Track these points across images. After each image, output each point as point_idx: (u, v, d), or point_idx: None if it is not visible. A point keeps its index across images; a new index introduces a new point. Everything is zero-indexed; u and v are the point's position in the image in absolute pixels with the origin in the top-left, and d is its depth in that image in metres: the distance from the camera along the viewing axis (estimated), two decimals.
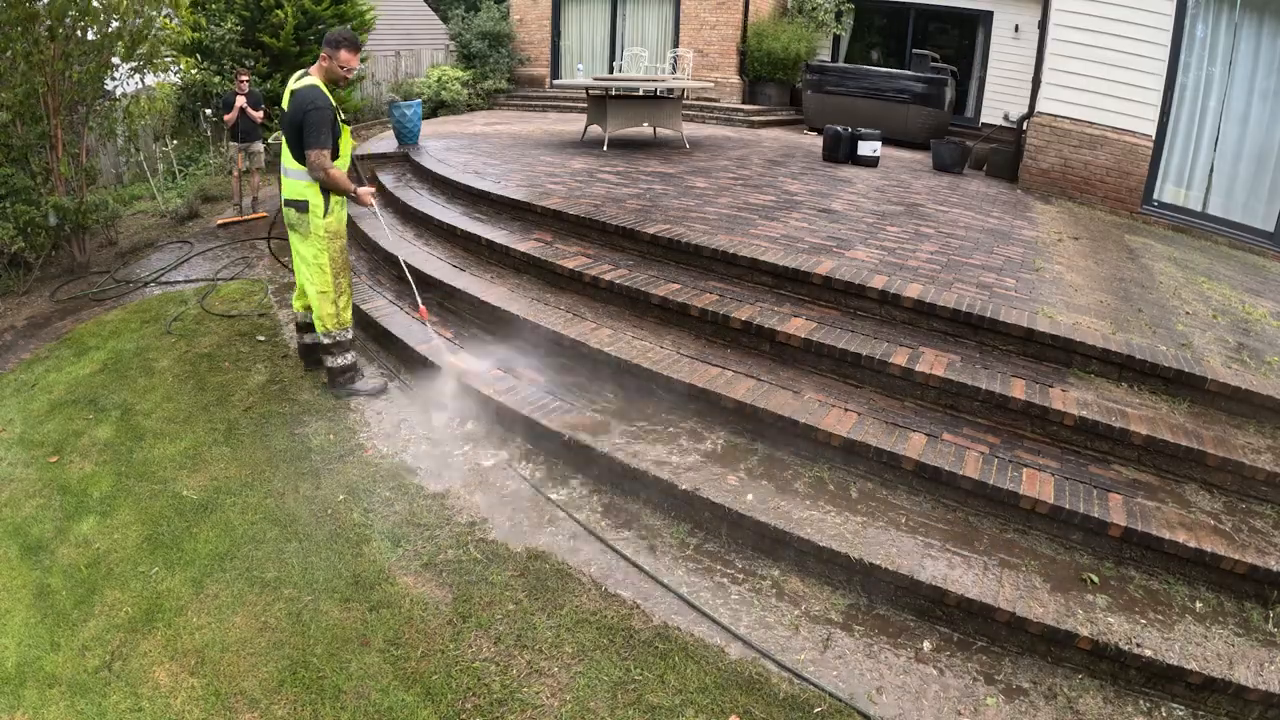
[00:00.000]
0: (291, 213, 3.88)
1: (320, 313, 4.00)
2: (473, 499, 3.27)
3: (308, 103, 3.67)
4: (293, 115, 3.71)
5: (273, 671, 2.46)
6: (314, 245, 3.89)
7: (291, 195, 3.86)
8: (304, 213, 3.84)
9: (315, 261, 3.91)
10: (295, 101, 3.71)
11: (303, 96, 3.68)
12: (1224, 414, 3.26)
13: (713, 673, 2.41)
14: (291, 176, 3.86)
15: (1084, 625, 2.42)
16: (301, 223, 3.86)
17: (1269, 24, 6.31)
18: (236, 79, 7.94)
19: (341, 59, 3.78)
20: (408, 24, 17.00)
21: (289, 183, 3.88)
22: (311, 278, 3.95)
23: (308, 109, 3.66)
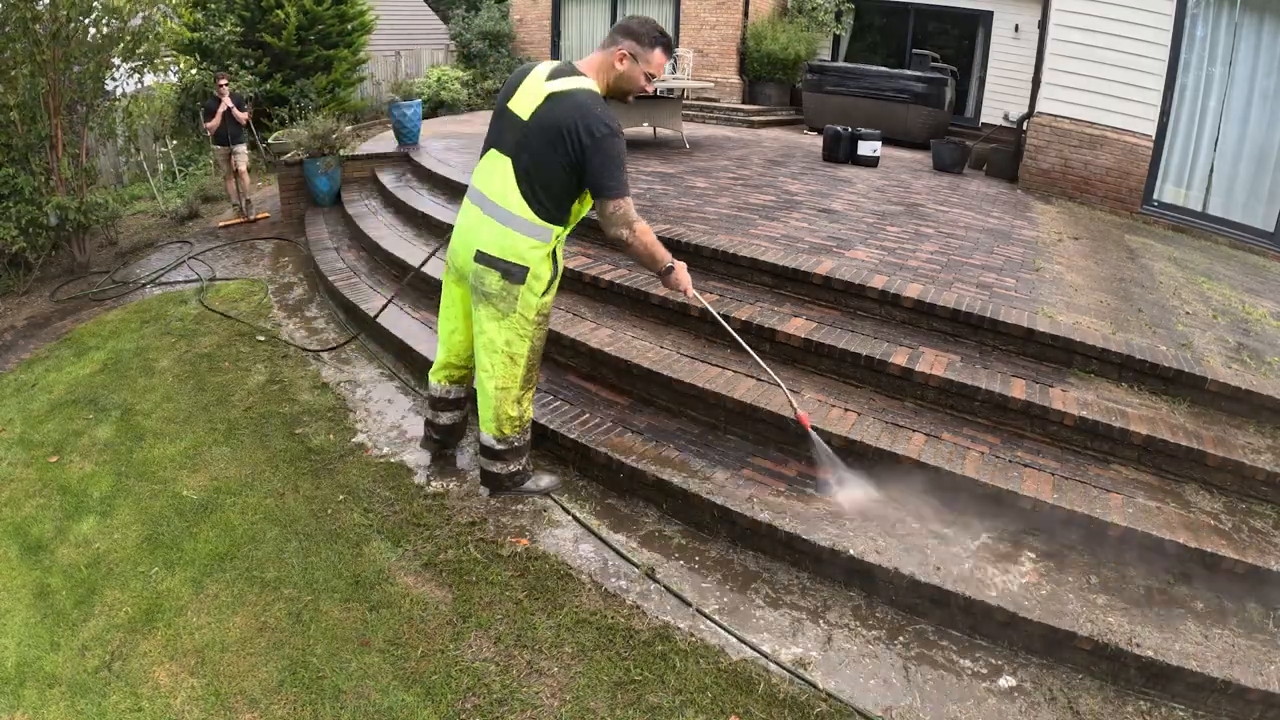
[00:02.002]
0: (492, 277, 2.71)
1: (497, 412, 2.93)
2: (473, 499, 3.27)
3: (600, 123, 2.49)
4: (556, 137, 2.53)
5: (273, 671, 2.46)
6: (513, 329, 2.78)
7: (502, 254, 2.68)
8: (515, 283, 2.70)
9: (506, 350, 2.81)
10: (565, 114, 2.52)
11: (585, 111, 2.51)
12: (1224, 414, 3.26)
13: (712, 672, 2.41)
14: (509, 224, 2.65)
15: (1084, 625, 2.42)
16: (505, 296, 2.72)
17: (1269, 24, 6.31)
18: (216, 84, 7.88)
19: (654, 63, 2.67)
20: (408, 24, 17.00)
21: (499, 231, 2.67)
22: (491, 369, 2.85)
23: (601, 134, 2.48)
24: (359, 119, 12.21)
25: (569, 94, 2.56)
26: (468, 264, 2.76)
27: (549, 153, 2.56)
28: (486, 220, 2.70)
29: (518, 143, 2.62)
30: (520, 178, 2.63)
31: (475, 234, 2.73)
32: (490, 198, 2.70)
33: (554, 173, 2.58)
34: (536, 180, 2.61)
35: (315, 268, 5.92)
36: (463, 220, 2.83)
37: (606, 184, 2.55)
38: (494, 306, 2.75)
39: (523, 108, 2.61)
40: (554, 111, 2.54)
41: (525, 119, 2.59)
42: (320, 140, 7.17)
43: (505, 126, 2.68)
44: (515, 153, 2.63)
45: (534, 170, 2.60)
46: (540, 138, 2.56)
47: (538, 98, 2.58)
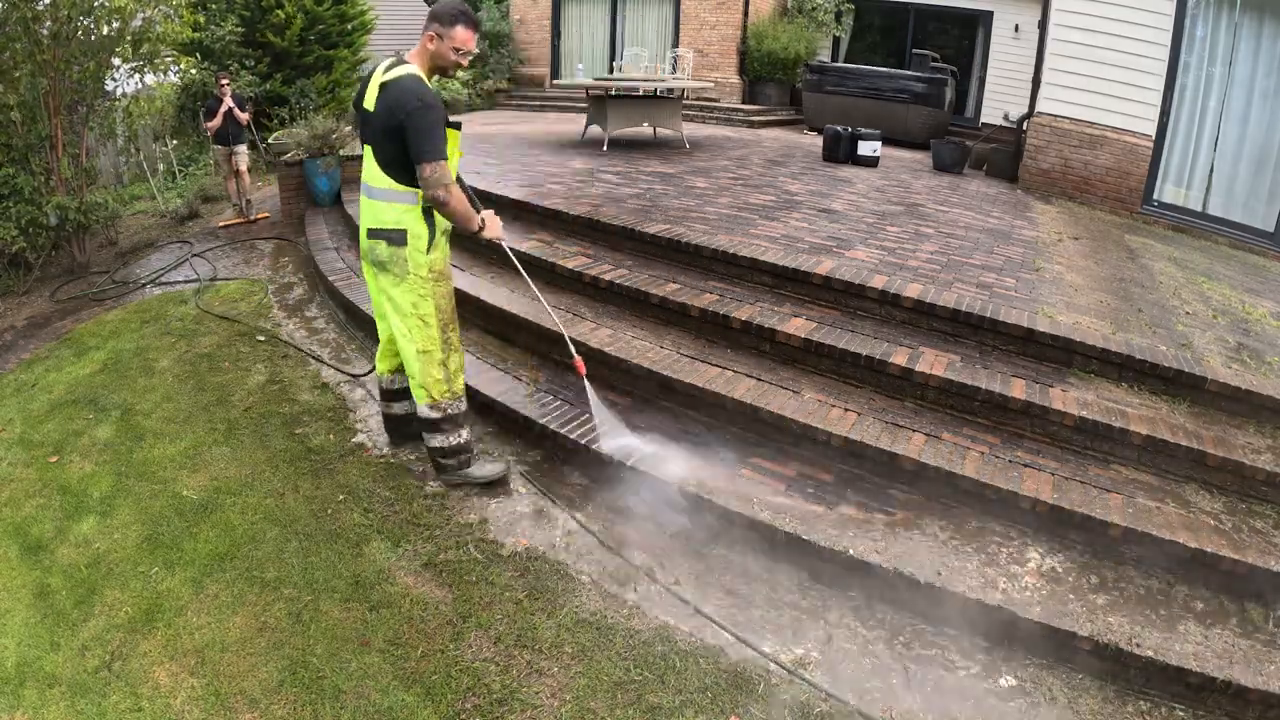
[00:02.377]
0: (381, 246, 2.98)
1: (423, 379, 3.09)
2: (473, 498, 3.27)
3: (412, 98, 2.77)
4: (387, 116, 2.82)
5: (273, 671, 2.46)
6: (413, 290, 2.99)
7: (379, 224, 2.97)
8: (399, 246, 2.95)
9: (415, 312, 3.02)
10: (390, 97, 2.81)
11: (403, 90, 2.79)
12: (1224, 414, 3.26)
13: (713, 672, 2.41)
14: (379, 198, 2.96)
15: (1085, 625, 2.42)
16: (395, 260, 2.97)
17: (1269, 24, 6.31)
18: (217, 83, 7.87)
19: (458, 38, 2.88)
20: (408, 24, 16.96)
21: (375, 206, 2.98)
22: (409, 332, 3.04)
23: (413, 107, 2.76)
24: None
25: (395, 80, 2.85)
26: (364, 242, 3.07)
27: (385, 131, 2.87)
28: (368, 202, 3.03)
29: (371, 131, 2.95)
30: (378, 157, 2.95)
31: (364, 217, 3.05)
32: (367, 182, 3.04)
33: (395, 146, 2.87)
34: (387, 155, 2.91)
35: (315, 268, 5.92)
36: (358, 208, 3.23)
37: (422, 149, 2.80)
38: (390, 273, 3.01)
39: (370, 101, 2.93)
40: (386, 98, 2.85)
41: (371, 109, 2.90)
42: (320, 140, 7.17)
43: (363, 120, 3.01)
44: (371, 140, 2.96)
45: (384, 148, 2.91)
46: (379, 121, 2.87)
47: (376, 89, 2.91)
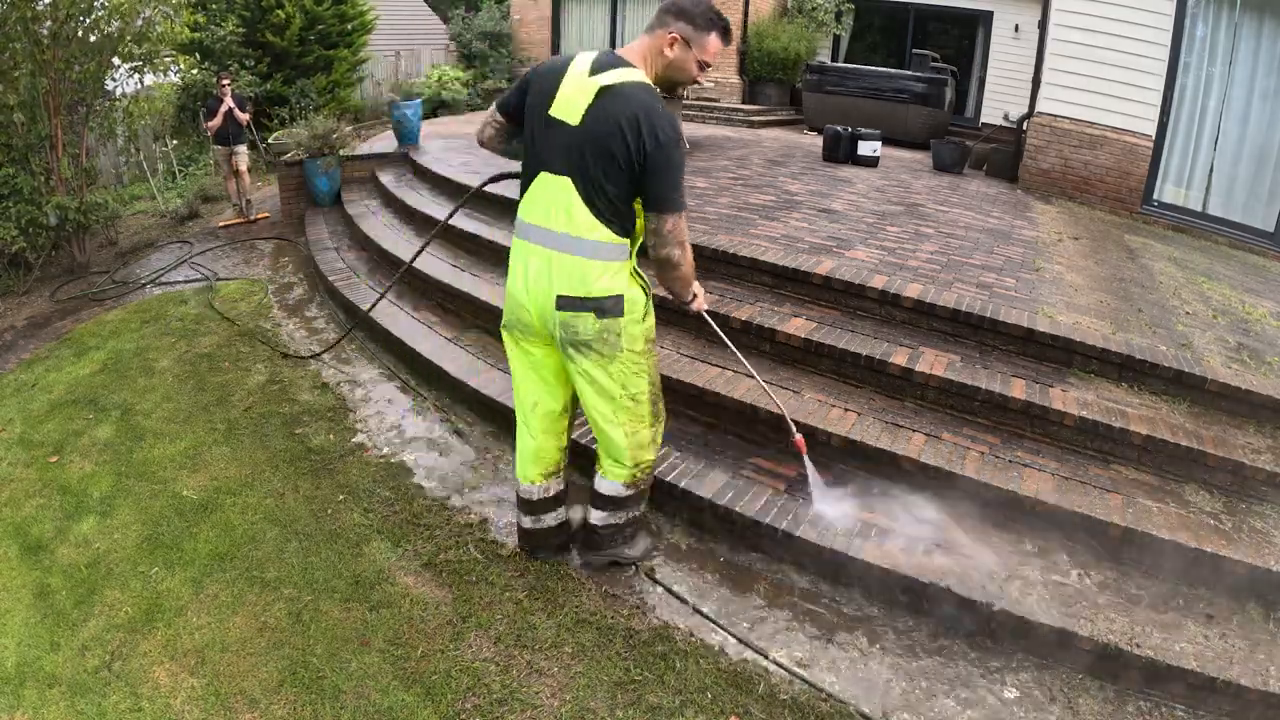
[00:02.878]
0: (585, 322, 2.26)
1: (634, 459, 2.50)
2: (473, 498, 3.28)
3: (665, 124, 2.11)
4: (617, 139, 2.11)
5: (273, 671, 2.46)
6: (626, 369, 2.35)
7: (585, 290, 2.24)
8: (613, 318, 2.28)
9: (625, 393, 2.38)
10: (623, 112, 2.11)
11: (648, 109, 2.11)
12: (1224, 414, 3.26)
13: (713, 672, 2.41)
14: (585, 253, 2.23)
15: (1085, 625, 2.42)
16: (605, 337, 2.29)
17: (1269, 24, 6.31)
18: (219, 84, 7.88)
19: (709, 49, 2.26)
20: (408, 24, 17.01)
21: (577, 265, 2.23)
22: (613, 416, 2.42)
23: (666, 136, 2.11)
24: (359, 119, 12.22)
25: (622, 88, 2.14)
26: (547, 316, 2.29)
27: (609, 159, 2.15)
28: (558, 258, 2.24)
29: (573, 155, 2.18)
30: (585, 195, 2.19)
31: (546, 279, 2.26)
32: (555, 229, 2.23)
33: (618, 180, 2.17)
34: (603, 193, 2.19)
35: (315, 268, 5.92)
36: (521, 267, 2.34)
37: (669, 196, 2.19)
38: (596, 352, 2.29)
39: (570, 111, 2.17)
40: (609, 109, 2.12)
41: (575, 124, 2.16)
42: (320, 140, 7.17)
43: (552, 140, 2.21)
44: (573, 168, 2.19)
45: (598, 182, 2.17)
46: (598, 144, 2.14)
47: (586, 95, 2.15)
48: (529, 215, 2.32)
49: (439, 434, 3.79)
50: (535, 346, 2.46)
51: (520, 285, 2.35)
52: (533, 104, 2.28)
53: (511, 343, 2.51)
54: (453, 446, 3.68)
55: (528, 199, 2.33)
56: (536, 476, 2.67)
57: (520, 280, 2.35)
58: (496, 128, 2.49)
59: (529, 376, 2.53)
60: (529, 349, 2.47)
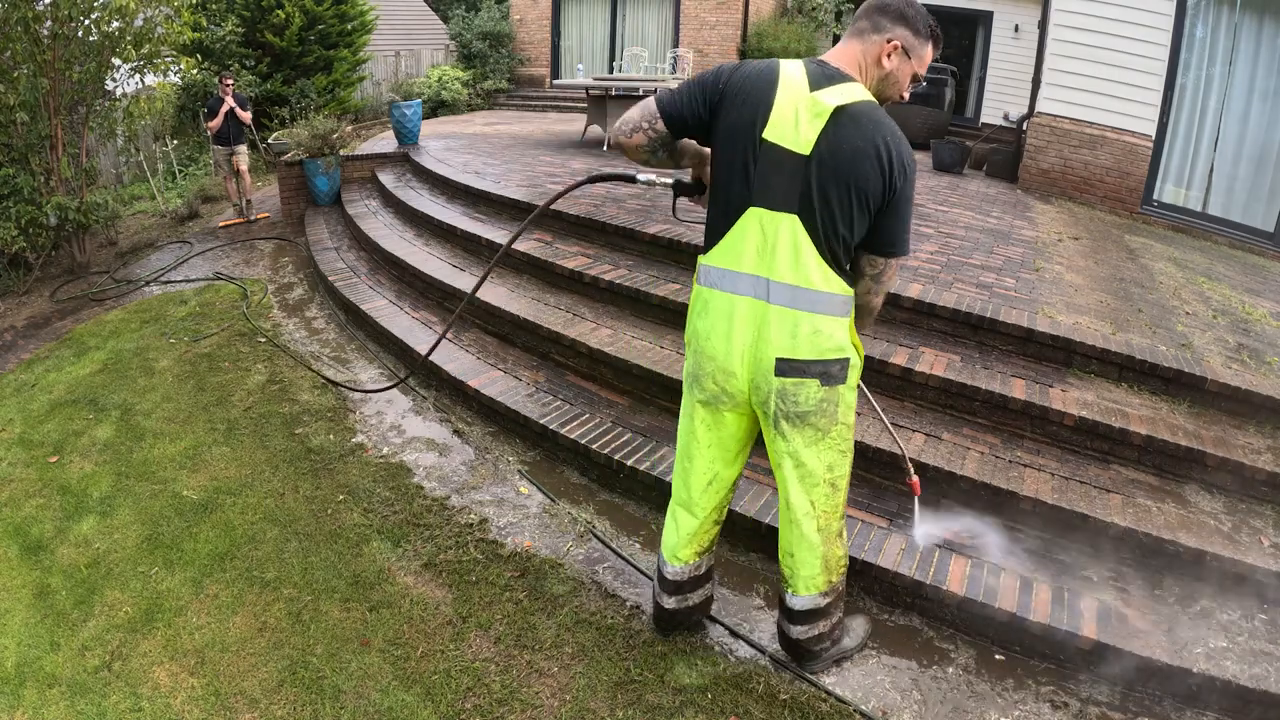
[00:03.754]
0: (808, 389, 1.94)
1: (827, 560, 2.14)
2: (473, 498, 3.28)
3: (909, 155, 1.84)
4: (856, 168, 1.80)
5: (273, 671, 2.46)
6: (834, 446, 2.02)
7: (819, 353, 1.91)
8: (836, 384, 1.96)
9: (829, 476, 2.04)
10: (866, 134, 1.80)
11: (892, 137, 1.81)
12: (1224, 414, 3.26)
13: (712, 673, 2.41)
14: (817, 308, 1.89)
15: (1087, 625, 2.42)
16: (826, 408, 1.96)
17: (1269, 24, 6.31)
18: (221, 83, 7.88)
19: (926, 59, 1.96)
20: (408, 24, 17.02)
21: (811, 323, 1.90)
22: (812, 506, 2.06)
23: (911, 170, 1.84)
24: (359, 119, 12.22)
25: (858, 110, 1.82)
26: (760, 383, 1.95)
27: (853, 196, 1.82)
28: (778, 313, 1.90)
29: (802, 190, 1.83)
30: (818, 237, 1.85)
31: (764, 338, 1.92)
32: (775, 278, 1.89)
33: (859, 221, 1.86)
34: (838, 236, 1.86)
35: (315, 268, 5.92)
36: (726, 324, 1.97)
37: (904, 237, 1.92)
38: (813, 428, 1.96)
39: (793, 137, 1.83)
40: (849, 136, 1.80)
41: (805, 152, 1.82)
42: (320, 140, 7.17)
43: (769, 170, 1.85)
44: (803, 205, 1.84)
45: (834, 223, 1.84)
46: (839, 179, 1.81)
47: (815, 118, 1.81)
48: (731, 260, 1.94)
49: (439, 434, 3.80)
50: (731, 414, 2.08)
51: (723, 346, 1.97)
52: (734, 123, 1.88)
53: (704, 412, 2.10)
54: (453, 446, 3.69)
55: (730, 240, 1.94)
56: (690, 556, 2.31)
57: (722, 340, 1.97)
58: (652, 137, 1.97)
59: (712, 449, 2.14)
60: (724, 417, 2.09)
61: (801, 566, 2.14)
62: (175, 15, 7.18)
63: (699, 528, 2.27)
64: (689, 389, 2.12)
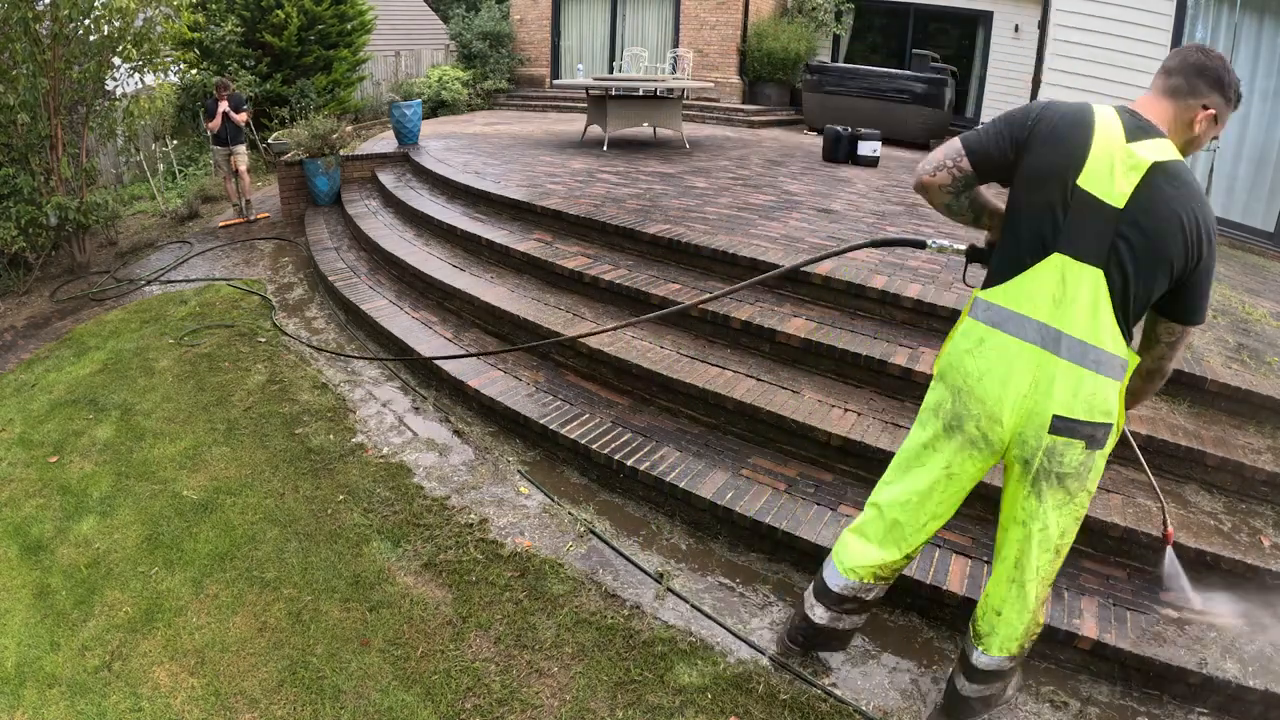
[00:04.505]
0: (1076, 451, 1.85)
1: (1030, 626, 2.04)
2: (473, 498, 3.28)
3: (1211, 216, 1.78)
4: (1169, 232, 1.74)
5: (273, 671, 2.46)
6: (1074, 514, 1.94)
7: (1092, 415, 1.83)
8: (1099, 449, 1.87)
9: (1062, 542, 1.96)
10: (1182, 199, 1.74)
11: (1199, 195, 1.76)
12: (1224, 414, 3.26)
13: (712, 673, 2.41)
14: (1108, 372, 1.82)
15: (1087, 626, 2.42)
16: (1082, 472, 1.88)
17: (1269, 24, 6.31)
18: (217, 90, 7.86)
19: (1225, 122, 1.86)
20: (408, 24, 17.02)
21: (1094, 383, 1.82)
22: (1037, 570, 1.97)
23: (1214, 239, 1.78)
24: (359, 119, 12.21)
25: (1174, 168, 1.75)
26: (1031, 437, 1.85)
27: (1159, 261, 1.75)
28: (1069, 368, 1.81)
29: (1110, 242, 1.75)
30: (1119, 297, 1.78)
31: (1045, 391, 1.82)
32: (1067, 331, 1.81)
33: (1159, 286, 1.79)
34: (1137, 298, 1.79)
35: (315, 268, 5.92)
36: (1005, 369, 1.86)
37: (1204, 305, 1.84)
38: (1066, 491, 1.88)
39: (1108, 188, 1.75)
40: (1164, 198, 1.74)
41: (1119, 206, 1.74)
42: (320, 140, 7.17)
43: (1079, 217, 1.77)
44: (1110, 260, 1.76)
45: (1136, 285, 1.77)
46: (1150, 240, 1.74)
47: (1132, 171, 1.74)
48: (1022, 303, 1.85)
49: (439, 434, 3.80)
50: (979, 462, 1.96)
51: (997, 390, 1.86)
52: (1047, 164, 1.81)
53: (955, 455, 1.97)
54: (453, 446, 3.69)
55: (1023, 282, 1.85)
56: (868, 575, 2.15)
57: (998, 384, 1.86)
58: (957, 175, 1.92)
59: (949, 493, 2.02)
60: (970, 464, 1.96)
61: (1004, 627, 2.04)
62: (175, 15, 7.18)
63: (891, 557, 2.11)
64: (942, 430, 1.98)
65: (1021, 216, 1.86)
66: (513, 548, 2.97)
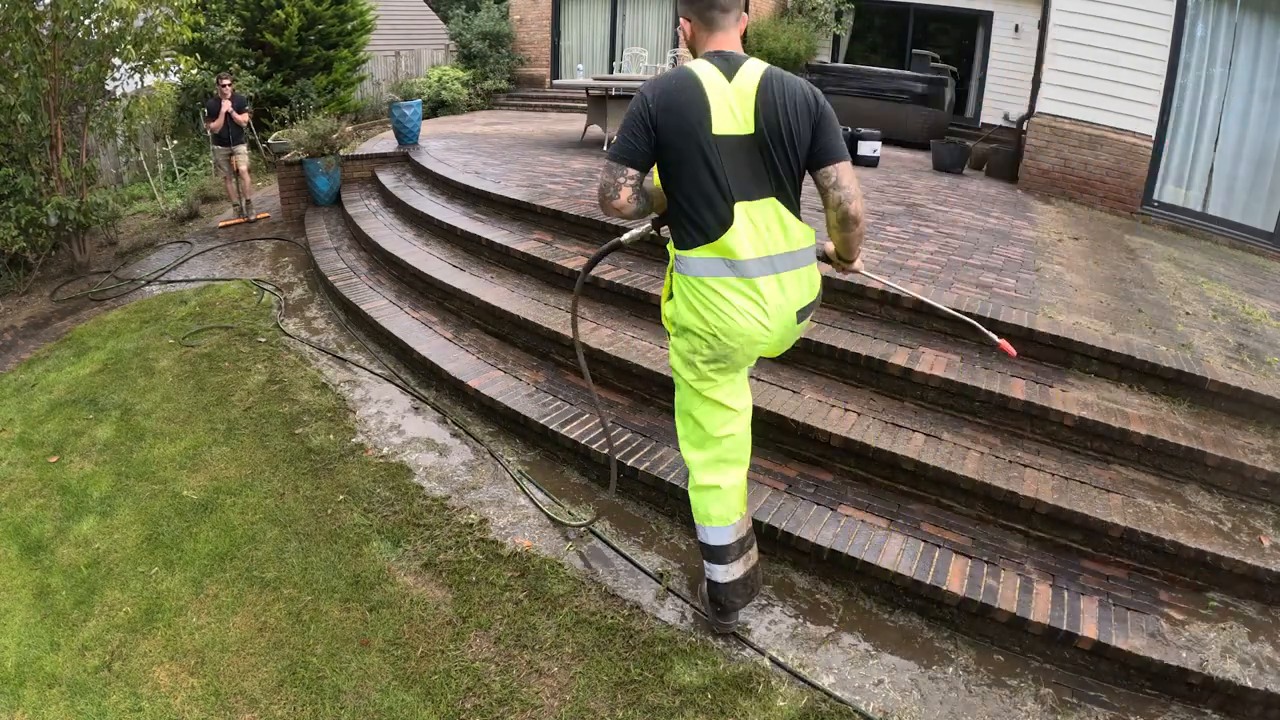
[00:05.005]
0: (807, 321, 2.32)
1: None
2: (473, 498, 3.28)
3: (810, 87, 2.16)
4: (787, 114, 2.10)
5: (273, 671, 2.46)
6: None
7: (812, 293, 2.29)
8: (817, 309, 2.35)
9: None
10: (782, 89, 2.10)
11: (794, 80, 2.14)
12: (1224, 414, 3.26)
13: (712, 673, 2.41)
14: (806, 260, 2.26)
15: (1087, 626, 2.42)
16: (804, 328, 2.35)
17: (1269, 24, 6.31)
18: (218, 84, 7.86)
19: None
20: (408, 24, 17.01)
21: (806, 273, 2.25)
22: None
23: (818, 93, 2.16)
24: (359, 119, 12.21)
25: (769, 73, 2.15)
26: (789, 335, 2.29)
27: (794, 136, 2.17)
28: (790, 275, 2.21)
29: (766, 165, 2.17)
30: (789, 203, 2.21)
31: (785, 298, 2.21)
32: (778, 252, 2.19)
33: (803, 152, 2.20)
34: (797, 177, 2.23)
35: (315, 268, 5.92)
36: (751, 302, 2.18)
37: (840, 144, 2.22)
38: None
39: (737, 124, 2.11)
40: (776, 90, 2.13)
41: (751, 132, 2.12)
42: (320, 140, 7.17)
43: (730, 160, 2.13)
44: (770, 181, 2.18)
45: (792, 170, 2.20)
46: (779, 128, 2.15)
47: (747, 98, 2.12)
48: (735, 251, 2.13)
49: (439, 434, 3.80)
50: (743, 370, 2.35)
51: (748, 323, 2.16)
52: (681, 133, 2.08)
53: (725, 380, 2.29)
54: (452, 446, 3.69)
55: (728, 236, 2.12)
56: (742, 506, 2.42)
57: (747, 318, 2.16)
58: (633, 185, 2.17)
59: (737, 397, 2.34)
60: (738, 373, 2.33)
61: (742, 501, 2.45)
62: (175, 15, 7.17)
63: (739, 479, 2.40)
64: (711, 373, 2.27)
65: (685, 181, 2.13)
66: (513, 548, 2.97)
